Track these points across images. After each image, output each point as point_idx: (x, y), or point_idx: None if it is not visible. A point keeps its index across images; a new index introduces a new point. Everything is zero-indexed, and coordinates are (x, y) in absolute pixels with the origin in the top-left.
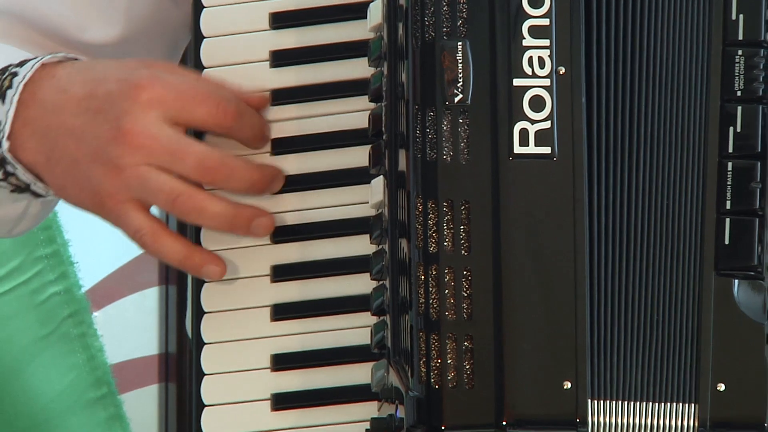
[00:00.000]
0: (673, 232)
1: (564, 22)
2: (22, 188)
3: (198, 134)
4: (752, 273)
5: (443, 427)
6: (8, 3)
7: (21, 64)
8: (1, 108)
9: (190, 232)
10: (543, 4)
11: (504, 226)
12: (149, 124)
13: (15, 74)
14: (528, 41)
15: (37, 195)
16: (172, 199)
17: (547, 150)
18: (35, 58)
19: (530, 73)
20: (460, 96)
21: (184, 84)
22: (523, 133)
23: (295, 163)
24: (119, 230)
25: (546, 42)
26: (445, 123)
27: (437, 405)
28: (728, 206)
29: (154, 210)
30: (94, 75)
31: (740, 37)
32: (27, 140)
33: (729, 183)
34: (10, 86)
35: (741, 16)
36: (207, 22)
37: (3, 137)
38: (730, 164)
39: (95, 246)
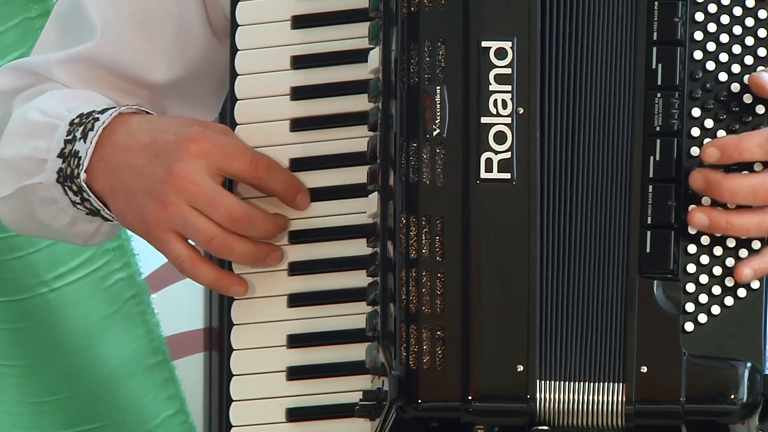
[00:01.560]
0: (606, 242)
1: (523, 72)
2: (94, 212)
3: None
4: (669, 276)
5: (419, 401)
6: (88, 52)
7: (103, 111)
8: (83, 146)
9: None
10: (506, 57)
11: (471, 238)
12: (194, 172)
13: (97, 119)
14: (494, 86)
15: (105, 219)
16: (208, 240)
17: (507, 176)
18: (115, 107)
19: (495, 113)
20: (438, 130)
21: (226, 142)
22: (489, 161)
23: (308, 178)
24: (164, 256)
25: (508, 87)
26: (425, 152)
27: (414, 383)
28: (649, 221)
29: None
30: (158, 126)
31: (659, 83)
32: (100, 172)
33: (650, 202)
34: (92, 128)
35: (660, 65)
36: (240, 61)
37: (82, 170)
38: (650, 187)
39: None
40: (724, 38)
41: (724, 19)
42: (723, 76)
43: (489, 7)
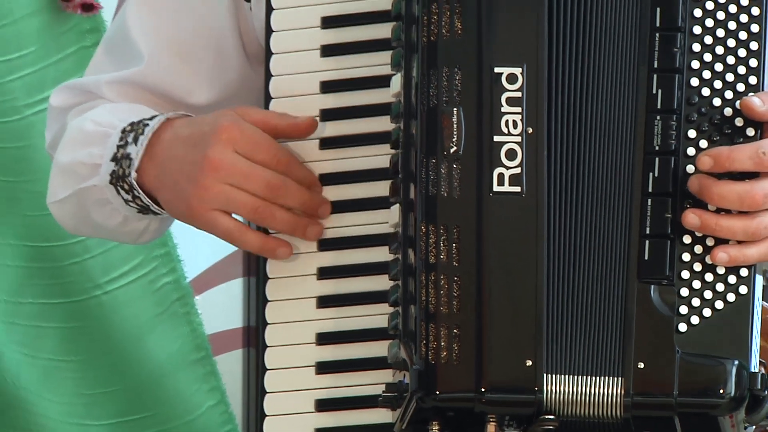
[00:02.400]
0: (608, 249)
1: (532, 96)
2: (144, 209)
3: None
4: (665, 281)
5: (437, 392)
6: (135, 76)
7: (152, 117)
8: (134, 149)
9: None
10: (517, 81)
11: (485, 245)
12: (225, 154)
13: (147, 125)
14: (505, 108)
15: (155, 214)
16: (253, 210)
17: (518, 189)
18: (163, 114)
19: (506, 132)
20: (455, 148)
21: (255, 133)
22: (501, 176)
23: (336, 191)
24: (211, 233)
25: (519, 109)
26: (443, 167)
27: (433, 376)
28: (648, 231)
29: None
30: (197, 121)
31: (659, 107)
32: (149, 170)
33: (649, 214)
34: (142, 133)
35: (659, 90)
36: (274, 86)
37: (133, 169)
38: (649, 200)
39: (195, 248)
40: (719, 67)
41: (719, 50)
42: (717, 102)
43: (501, 36)
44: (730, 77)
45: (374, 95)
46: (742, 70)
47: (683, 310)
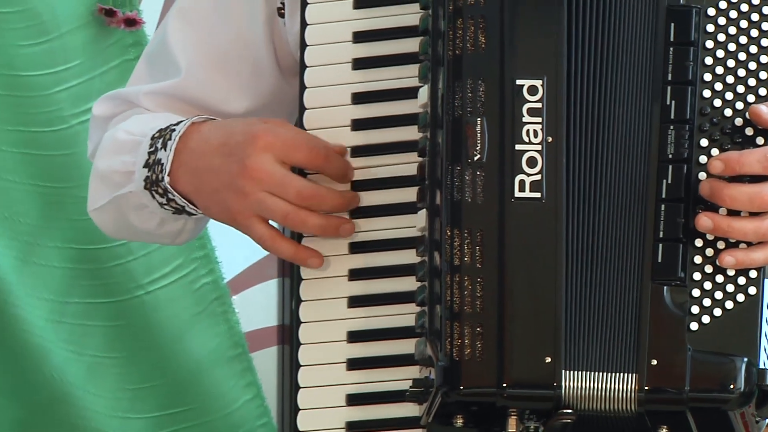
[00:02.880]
0: (623, 252)
1: (552, 106)
2: (179, 210)
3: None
4: (677, 282)
5: (461, 388)
6: (173, 88)
7: (177, 123)
8: (164, 154)
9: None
10: (537, 93)
11: (506, 248)
12: (264, 163)
13: (173, 130)
14: (526, 118)
15: (190, 214)
16: (284, 215)
17: (538, 195)
18: (188, 119)
19: (527, 141)
20: (478, 156)
21: (288, 135)
22: (522, 183)
23: (366, 197)
24: (248, 236)
25: (539, 119)
26: (467, 174)
27: (457, 372)
28: (661, 235)
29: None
30: (227, 129)
31: (672, 117)
32: (182, 176)
33: (662, 219)
34: (170, 138)
35: (673, 102)
36: (308, 97)
37: (165, 174)
38: (663, 206)
39: (233, 250)
40: (730, 79)
41: (730, 63)
42: (728, 112)
43: (522, 50)
44: (740, 89)
45: (402, 106)
46: (752, 82)
47: (695, 309)
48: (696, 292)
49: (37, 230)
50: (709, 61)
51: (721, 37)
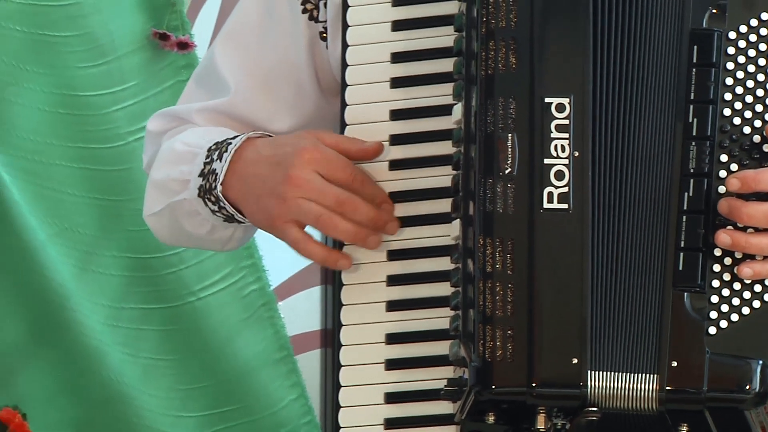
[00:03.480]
0: (646, 260)
1: (578, 123)
2: (229, 218)
3: None
4: (697, 289)
5: (493, 387)
6: (222, 106)
7: (234, 137)
8: (219, 164)
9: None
10: (565, 110)
11: (536, 256)
12: (306, 173)
13: (230, 143)
14: (554, 134)
15: (239, 222)
16: (316, 218)
17: (565, 206)
18: (245, 134)
19: (555, 155)
20: (509, 169)
21: (333, 155)
22: (550, 194)
23: (404, 208)
24: (283, 241)
25: (566, 135)
26: (498, 187)
27: (489, 372)
28: (682, 245)
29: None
30: (278, 142)
31: (694, 134)
32: (233, 185)
33: (683, 230)
34: (226, 150)
35: (695, 119)
36: (348, 114)
37: (218, 183)
38: (684, 217)
39: (279, 259)
40: (749, 99)
41: (749, 84)
42: (747, 130)
43: (551, 70)
44: (759, 108)
45: (438, 122)
46: None
47: (713, 315)
48: (714, 299)
49: (95, 240)
50: (729, 81)
51: (741, 59)
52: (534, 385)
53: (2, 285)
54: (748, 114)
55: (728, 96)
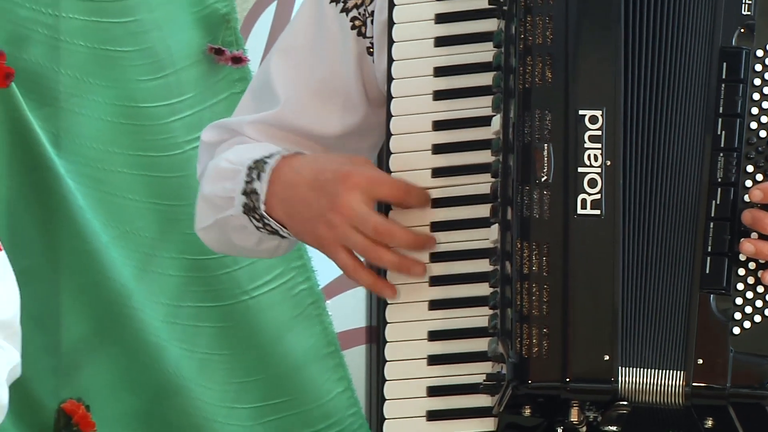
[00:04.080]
0: (675, 263)
1: (610, 133)
2: (275, 232)
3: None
4: (722, 292)
5: (530, 381)
6: (272, 117)
7: (270, 156)
8: (259, 185)
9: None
10: (598, 122)
11: (570, 258)
12: (351, 200)
13: (267, 163)
14: (588, 144)
15: (284, 237)
16: (363, 249)
17: (598, 212)
18: (278, 152)
19: (588, 164)
20: (545, 177)
21: (372, 173)
22: (583, 201)
23: (446, 213)
24: (333, 262)
25: (599, 145)
26: (535, 193)
27: (526, 368)
28: (709, 249)
29: None
30: (316, 165)
31: (722, 145)
32: (276, 205)
33: (710, 235)
34: (263, 170)
35: (723, 132)
36: (393, 125)
37: (261, 203)
38: (711, 224)
39: (327, 260)
40: None
41: None
42: None
43: (584, 84)
44: None
45: (477, 132)
46: None
47: (737, 316)
48: (739, 301)
49: (154, 243)
50: (756, 96)
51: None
52: (568, 380)
53: (68, 285)
54: None
55: (755, 110)
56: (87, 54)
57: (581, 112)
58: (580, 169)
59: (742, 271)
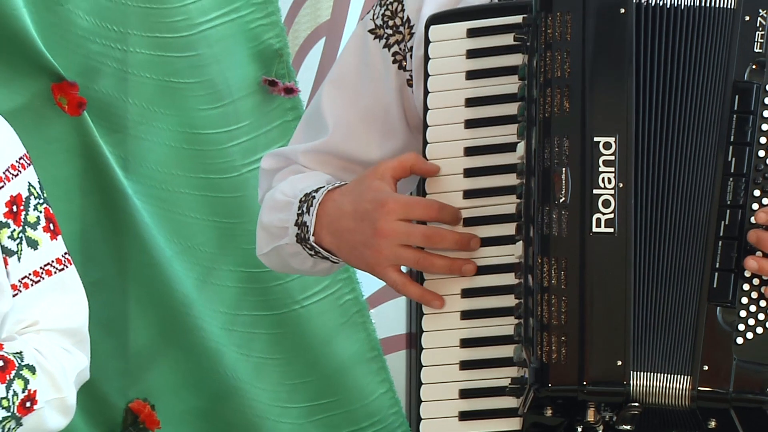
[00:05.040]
0: (684, 278)
1: (623, 159)
2: (326, 258)
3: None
4: (728, 305)
5: (550, 385)
6: (322, 145)
7: (317, 190)
8: (309, 218)
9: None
10: (611, 148)
11: (586, 273)
12: (391, 223)
13: (314, 197)
14: (602, 168)
15: (335, 262)
16: (415, 262)
17: (611, 230)
18: (324, 186)
19: (603, 187)
20: (563, 198)
21: (406, 198)
22: (598, 220)
23: (476, 231)
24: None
25: (612, 169)
26: (554, 213)
27: (546, 373)
28: (717, 266)
29: None
30: (355, 196)
31: (732, 171)
32: (324, 236)
33: (719, 253)
34: (312, 205)
35: (733, 159)
36: (429, 150)
37: (310, 234)
38: (720, 242)
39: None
40: None
41: None
42: None
43: (598, 113)
44: None
45: (504, 158)
46: None
47: (741, 327)
48: (743, 313)
49: (213, 257)
50: (765, 127)
51: None
52: (585, 383)
53: (136, 295)
54: None
55: (763, 140)
56: (152, 85)
57: (596, 139)
58: (595, 191)
59: (746, 287)
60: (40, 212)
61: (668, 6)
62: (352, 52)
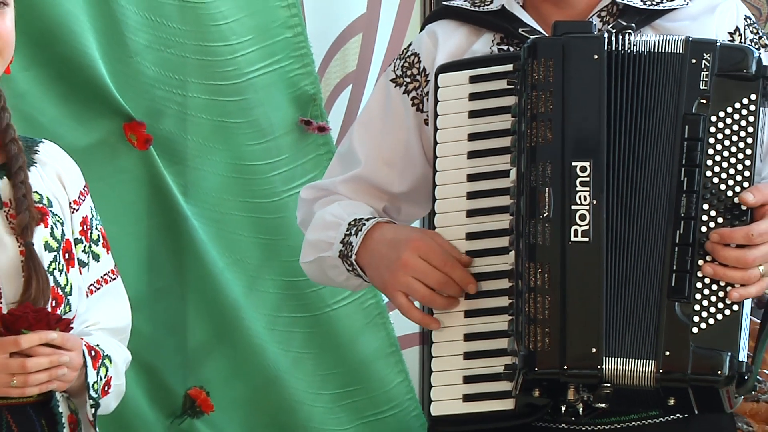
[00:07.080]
0: (648, 278)
1: (597, 179)
2: (359, 275)
3: None
4: (685, 300)
5: (536, 369)
6: (356, 175)
7: (368, 219)
8: (355, 239)
9: None
10: (586, 170)
11: (567, 275)
12: (411, 259)
13: (364, 224)
14: (579, 188)
15: (366, 280)
16: (421, 296)
17: (587, 239)
18: (375, 218)
19: (579, 203)
20: (546, 213)
21: (433, 246)
22: (576, 231)
23: (476, 244)
24: (393, 303)
25: (587, 188)
26: (539, 226)
27: (533, 359)
28: (675, 267)
29: None
30: (397, 232)
31: (685, 189)
32: (363, 256)
33: (676, 257)
34: (361, 229)
35: (685, 179)
36: (438, 178)
37: (353, 253)
38: (676, 248)
39: None
40: (725, 165)
41: (725, 154)
42: (723, 187)
43: (576, 143)
44: (732, 171)
45: (500, 182)
46: (740, 167)
47: (696, 319)
48: (697, 307)
49: (258, 268)
50: (710, 152)
51: (720, 136)
52: (565, 367)
53: (194, 300)
54: (723, 176)
55: (710, 162)
56: (208, 124)
57: (573, 163)
58: (573, 207)
59: (700, 285)
60: (99, 231)
61: (633, 53)
62: (377, 98)
